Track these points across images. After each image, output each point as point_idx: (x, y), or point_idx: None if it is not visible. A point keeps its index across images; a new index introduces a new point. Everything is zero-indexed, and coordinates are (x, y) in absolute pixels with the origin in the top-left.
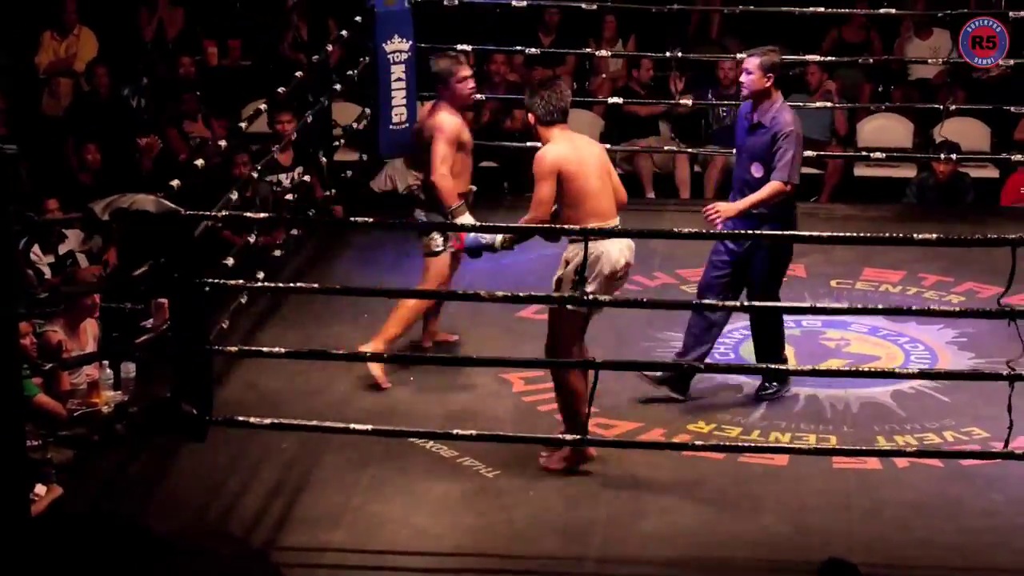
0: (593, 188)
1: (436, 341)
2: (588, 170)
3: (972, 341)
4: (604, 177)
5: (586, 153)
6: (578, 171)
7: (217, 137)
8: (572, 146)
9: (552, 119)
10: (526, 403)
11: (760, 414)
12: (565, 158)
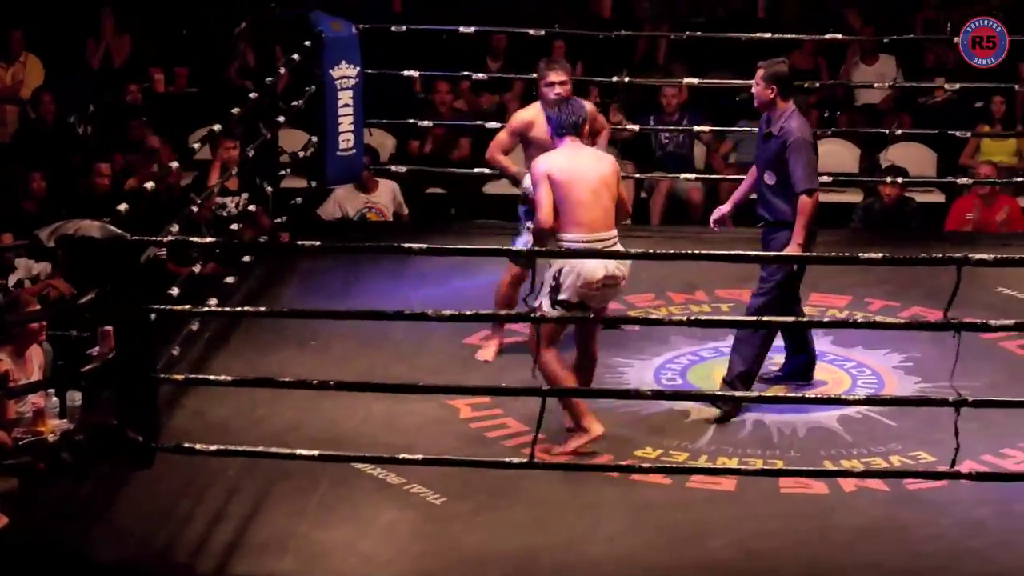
0: (580, 199)
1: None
2: (579, 181)
3: (918, 366)
4: (600, 191)
5: (583, 165)
6: (567, 181)
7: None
8: (569, 157)
9: (562, 132)
10: (473, 429)
11: (707, 439)
12: (556, 166)
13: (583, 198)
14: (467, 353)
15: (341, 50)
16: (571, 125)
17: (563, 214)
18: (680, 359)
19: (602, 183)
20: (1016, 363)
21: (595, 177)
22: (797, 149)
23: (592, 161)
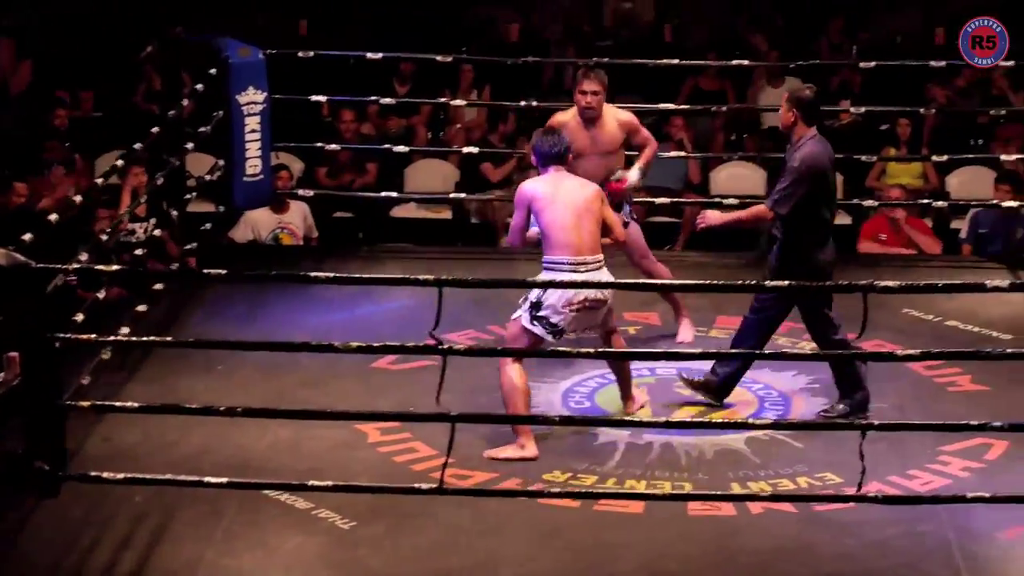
0: (563, 223)
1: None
2: (563, 206)
3: (825, 387)
4: (583, 215)
5: (565, 191)
6: (548, 206)
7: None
8: (551, 183)
9: (547, 162)
10: (381, 454)
11: (615, 463)
12: (537, 192)
13: (566, 222)
14: (375, 378)
15: (248, 75)
16: (555, 156)
17: (547, 237)
18: (588, 382)
19: (585, 208)
20: (922, 384)
21: (579, 201)
22: (790, 172)
23: (575, 187)
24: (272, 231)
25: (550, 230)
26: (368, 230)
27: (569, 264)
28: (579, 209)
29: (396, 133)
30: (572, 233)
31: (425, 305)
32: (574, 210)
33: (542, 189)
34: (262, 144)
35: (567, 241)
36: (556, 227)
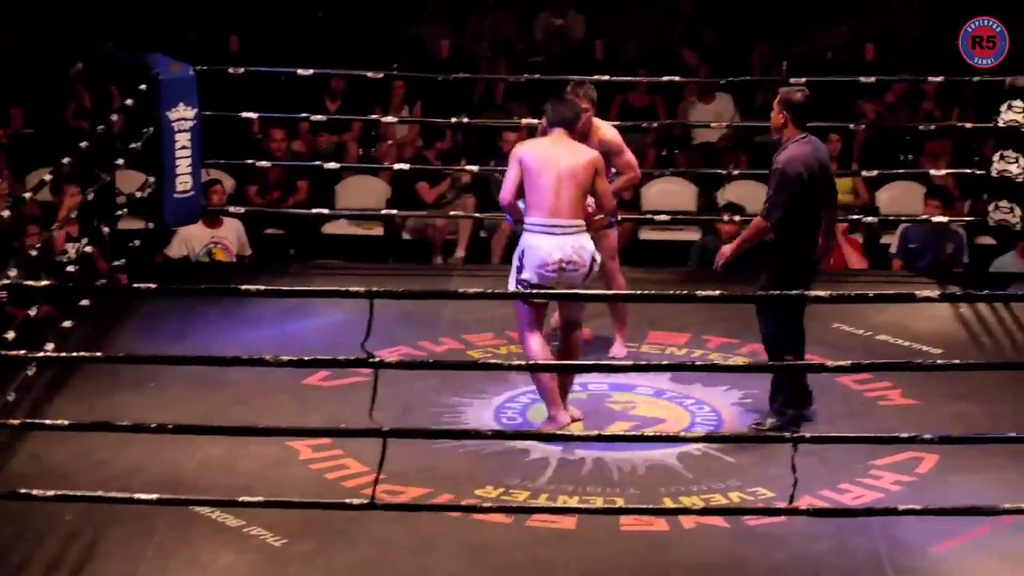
0: (545, 185)
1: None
2: (547, 168)
3: (756, 402)
4: (565, 181)
5: (556, 154)
6: (535, 166)
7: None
8: (545, 145)
9: (553, 123)
10: (313, 471)
11: (547, 478)
12: (528, 151)
13: (547, 184)
14: (307, 394)
15: (178, 92)
16: (562, 119)
17: (527, 198)
18: (520, 398)
19: (570, 174)
20: (853, 398)
21: (564, 167)
22: (774, 177)
23: (566, 152)
24: (206, 246)
25: (529, 191)
26: (299, 247)
27: (540, 225)
28: (562, 174)
29: (327, 150)
30: (548, 195)
31: (356, 322)
32: (556, 174)
33: (533, 150)
34: (192, 161)
35: (542, 203)
36: (534, 189)
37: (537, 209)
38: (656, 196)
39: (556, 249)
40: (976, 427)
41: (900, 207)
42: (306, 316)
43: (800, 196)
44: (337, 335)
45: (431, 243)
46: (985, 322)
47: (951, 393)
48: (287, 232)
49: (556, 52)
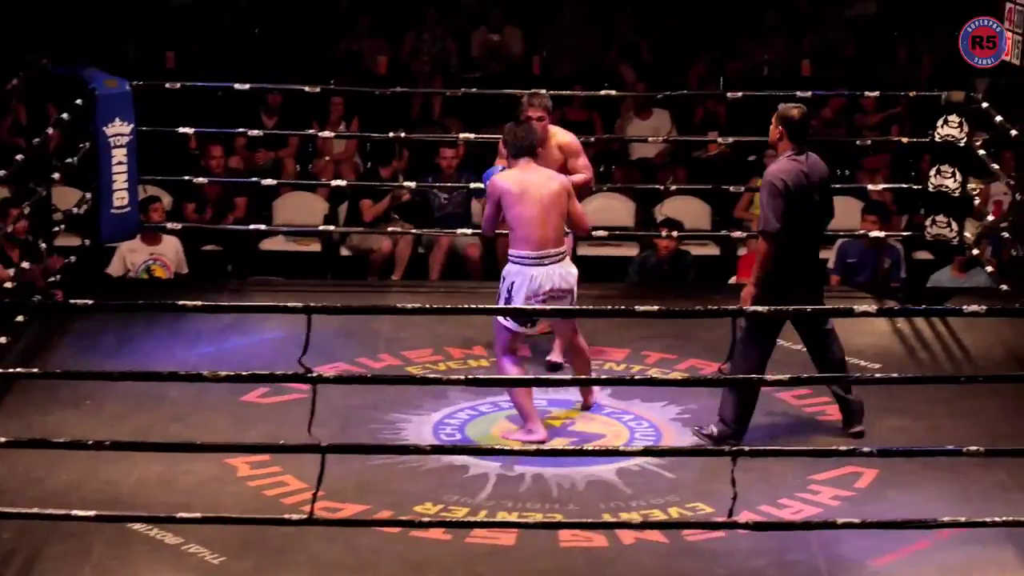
0: (529, 217)
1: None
2: (528, 200)
3: (695, 418)
4: (549, 209)
5: (533, 185)
6: (516, 200)
7: None
8: (520, 177)
9: (518, 153)
10: (251, 488)
11: (487, 494)
12: (506, 186)
13: (531, 217)
14: (244, 411)
15: (115, 107)
16: (525, 147)
17: (513, 231)
18: (459, 414)
19: (551, 202)
20: (792, 413)
21: (545, 196)
22: (763, 189)
23: (543, 181)
24: (144, 263)
25: (516, 225)
26: (237, 263)
27: (531, 258)
28: (545, 204)
29: (264, 166)
30: (536, 228)
31: (294, 338)
32: (540, 205)
33: (511, 183)
34: (129, 177)
35: (531, 236)
36: (521, 222)
37: (525, 243)
38: (594, 212)
39: (546, 280)
40: (915, 441)
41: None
42: (244, 333)
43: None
44: (275, 352)
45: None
46: (922, 336)
47: (890, 407)
48: (224, 249)
49: (493, 68)
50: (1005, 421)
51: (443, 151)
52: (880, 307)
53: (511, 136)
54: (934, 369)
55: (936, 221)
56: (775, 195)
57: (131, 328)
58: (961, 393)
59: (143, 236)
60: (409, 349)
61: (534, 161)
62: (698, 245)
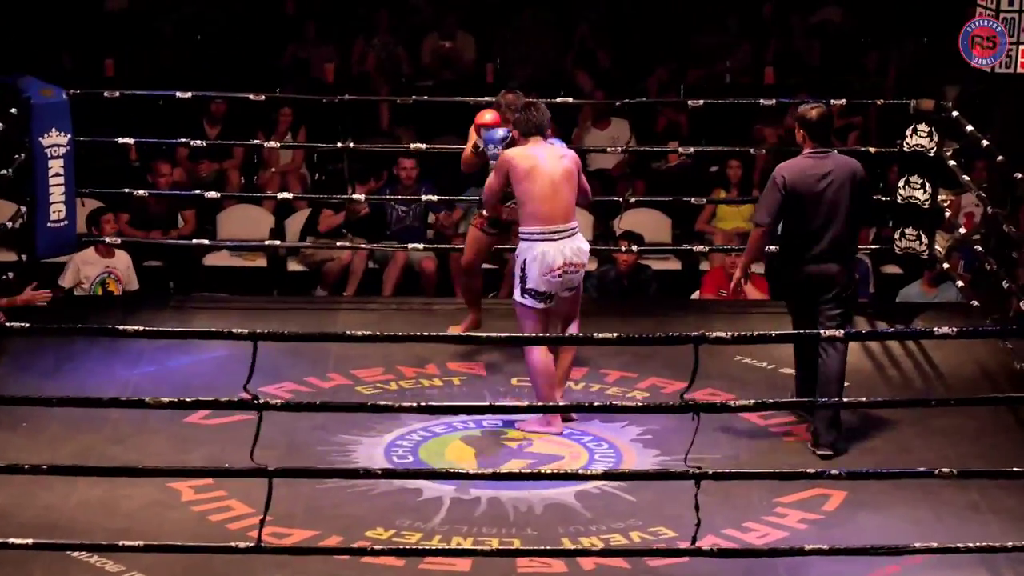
0: (539, 194)
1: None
2: (538, 176)
3: (657, 438)
4: (560, 185)
5: (543, 161)
6: (526, 175)
7: None
8: (531, 153)
9: (528, 132)
10: (195, 513)
11: (440, 519)
12: (517, 160)
13: (541, 193)
14: (187, 433)
15: (51, 117)
16: (536, 126)
17: (524, 207)
18: (411, 435)
19: (564, 178)
20: (758, 434)
21: (556, 172)
22: (767, 187)
23: (554, 157)
24: (100, 276)
25: (525, 200)
26: (180, 279)
27: (542, 234)
28: (557, 180)
29: (207, 178)
30: (547, 204)
31: (239, 356)
32: (551, 181)
33: (522, 159)
34: (66, 189)
35: (539, 212)
36: (532, 198)
37: (536, 218)
38: None
39: (559, 254)
40: (884, 462)
41: None
42: (187, 352)
43: (786, 205)
44: (220, 370)
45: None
46: (892, 354)
47: (859, 427)
48: (166, 264)
49: (445, 76)
50: (977, 441)
51: (402, 161)
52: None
53: (523, 113)
54: (904, 388)
55: (905, 234)
56: (771, 189)
57: (71, 347)
58: (932, 412)
59: (97, 248)
60: (359, 368)
61: (543, 139)
62: (659, 259)
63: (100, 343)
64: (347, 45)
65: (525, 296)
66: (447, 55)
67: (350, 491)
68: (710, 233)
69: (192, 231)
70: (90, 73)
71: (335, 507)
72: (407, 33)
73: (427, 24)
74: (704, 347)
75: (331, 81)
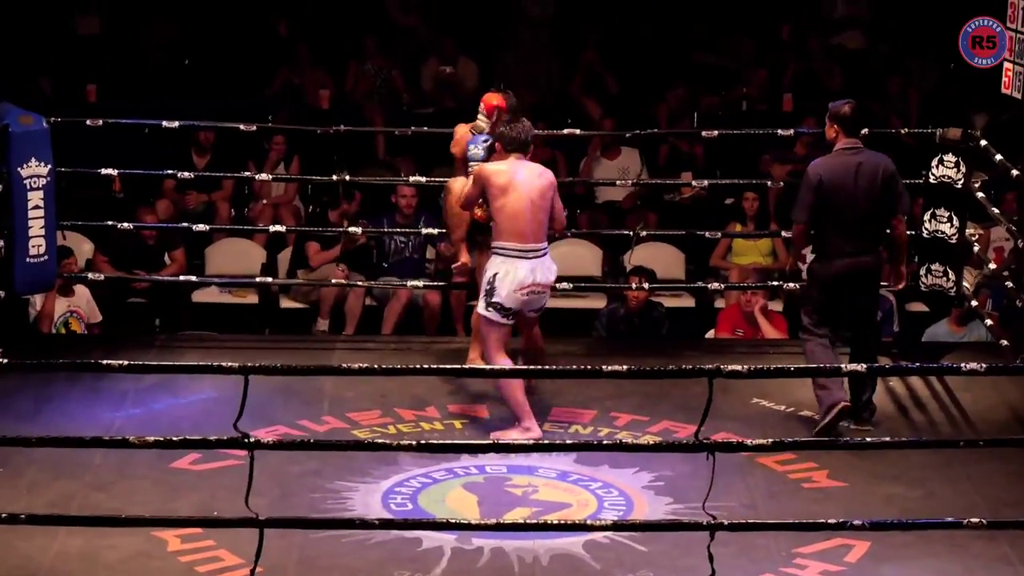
0: (515, 210)
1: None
2: (515, 193)
3: (670, 485)
4: (537, 203)
5: (521, 179)
6: (502, 191)
7: None
8: (509, 170)
9: (510, 148)
10: (183, 563)
11: (441, 570)
12: (493, 175)
13: (516, 210)
14: (174, 479)
15: (30, 146)
16: (519, 143)
17: (498, 223)
18: (410, 482)
19: (540, 196)
20: (775, 480)
21: (534, 191)
22: (801, 184)
23: (532, 176)
24: (62, 316)
25: (501, 217)
26: (166, 317)
27: (516, 251)
28: (534, 199)
29: (196, 210)
30: (522, 222)
31: (229, 399)
32: (528, 200)
33: (500, 174)
34: (47, 222)
35: (516, 229)
36: (507, 215)
37: (511, 234)
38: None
39: (530, 273)
40: (910, 511)
41: None
42: (174, 392)
43: (821, 201)
44: (208, 413)
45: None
46: (917, 395)
47: (882, 474)
48: (151, 301)
49: (446, 103)
50: (1008, 488)
51: (401, 189)
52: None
53: (506, 129)
54: (930, 431)
55: (931, 270)
56: (806, 187)
57: (50, 387)
58: (960, 457)
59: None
60: (355, 410)
61: (525, 157)
62: (671, 296)
63: (82, 383)
64: (342, 69)
65: (490, 309)
66: (448, 82)
67: (345, 541)
68: (725, 269)
69: (180, 272)
70: (71, 99)
71: (330, 558)
72: (403, 58)
73: (425, 48)
74: (719, 388)
75: (325, 108)
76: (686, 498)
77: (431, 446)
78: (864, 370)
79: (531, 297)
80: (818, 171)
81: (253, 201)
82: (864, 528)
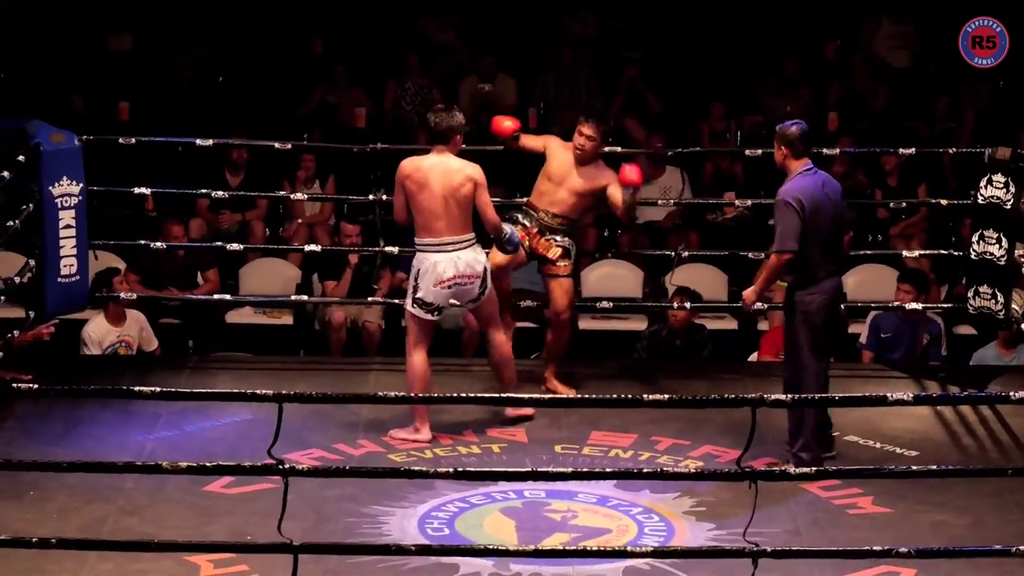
0: (429, 206)
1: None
2: (428, 190)
3: (711, 511)
4: (448, 200)
5: (435, 175)
6: (417, 188)
7: None
8: (423, 165)
9: (431, 139)
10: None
11: None
12: (407, 173)
13: (431, 206)
14: (207, 502)
15: (62, 164)
16: (437, 133)
17: (415, 219)
18: (447, 506)
19: (449, 193)
20: (819, 506)
21: (443, 187)
22: (777, 209)
23: (446, 171)
24: (112, 346)
25: (416, 213)
26: (199, 338)
27: (432, 246)
28: (446, 194)
29: (229, 229)
30: (434, 216)
31: (263, 421)
32: (441, 195)
33: (416, 171)
34: (78, 241)
35: (430, 224)
36: (422, 211)
37: (426, 230)
38: (596, 281)
39: (450, 266)
40: (957, 539)
41: (869, 293)
42: (207, 415)
43: (806, 228)
44: (242, 436)
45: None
46: (965, 421)
47: (929, 501)
48: (185, 322)
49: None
50: None
51: None
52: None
53: (432, 119)
54: (978, 458)
55: (980, 292)
56: (791, 215)
57: (80, 411)
58: (1009, 484)
59: (107, 315)
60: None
61: (447, 149)
62: (714, 318)
63: (113, 407)
64: (379, 89)
65: (414, 306)
66: (486, 99)
67: (381, 566)
68: (769, 291)
69: (214, 292)
70: (103, 117)
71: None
72: (442, 76)
73: (463, 66)
74: (763, 413)
75: (362, 127)
76: (728, 524)
77: (468, 473)
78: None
79: (456, 290)
80: (797, 196)
81: (288, 220)
82: (910, 556)
